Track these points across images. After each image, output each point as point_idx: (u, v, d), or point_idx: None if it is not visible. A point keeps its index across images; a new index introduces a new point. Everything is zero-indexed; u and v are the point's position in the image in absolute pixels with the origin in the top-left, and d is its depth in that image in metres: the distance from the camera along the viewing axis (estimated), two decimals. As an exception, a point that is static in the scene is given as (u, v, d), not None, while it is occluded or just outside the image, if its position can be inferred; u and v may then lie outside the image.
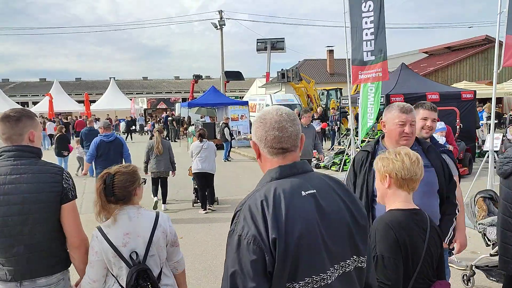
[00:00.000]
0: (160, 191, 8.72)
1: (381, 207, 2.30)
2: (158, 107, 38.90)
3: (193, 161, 8.43)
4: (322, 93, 26.19)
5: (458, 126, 10.66)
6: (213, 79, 56.89)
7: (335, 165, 12.70)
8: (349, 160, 11.93)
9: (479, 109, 16.10)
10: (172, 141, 24.38)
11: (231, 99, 24.62)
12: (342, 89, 26.91)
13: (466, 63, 29.34)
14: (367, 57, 10.61)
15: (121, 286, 2.31)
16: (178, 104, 30.85)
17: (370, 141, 12.89)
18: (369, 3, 10.56)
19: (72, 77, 67.41)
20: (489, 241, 4.44)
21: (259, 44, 36.99)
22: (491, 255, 4.49)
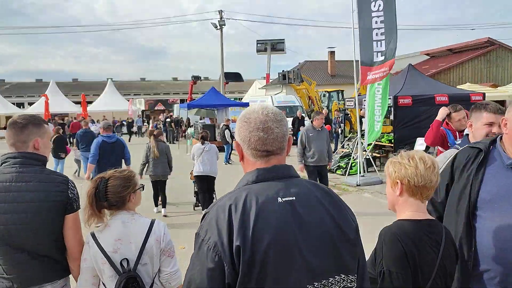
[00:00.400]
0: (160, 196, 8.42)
1: (488, 218, 1.97)
2: (156, 108, 38.55)
3: (194, 164, 8.21)
4: (323, 95, 25.92)
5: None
6: (212, 80, 56.56)
7: (340, 168, 12.30)
8: (355, 163, 11.54)
9: None
10: (170, 143, 23.94)
11: (232, 100, 24.23)
12: (343, 91, 26.65)
13: (468, 65, 29.10)
14: (377, 58, 10.25)
15: None
16: (176, 105, 30.54)
17: (381, 144, 12.65)
18: (378, 2, 10.15)
19: (69, 78, 66.99)
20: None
21: (259, 45, 36.73)
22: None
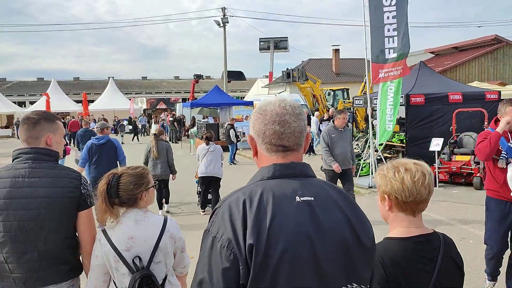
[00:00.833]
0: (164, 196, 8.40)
1: None
2: (157, 107, 38.16)
3: (199, 165, 8.17)
4: (328, 93, 25.53)
5: (486, 129, 9.78)
6: (214, 79, 56.20)
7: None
8: (366, 164, 11.18)
9: None
10: (173, 142, 23.54)
11: (235, 99, 23.86)
12: (349, 89, 26.26)
13: (475, 63, 28.71)
14: (389, 55, 9.84)
15: None
16: (179, 104, 30.16)
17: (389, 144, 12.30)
18: (391, -4, 9.77)
19: (70, 77, 66.69)
20: None
21: (261, 43, 36.38)
22: None
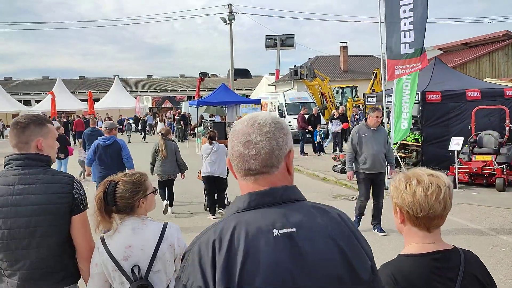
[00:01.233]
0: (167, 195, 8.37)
1: None
2: (163, 106, 37.95)
3: (202, 164, 8.10)
4: (336, 91, 25.14)
5: (507, 127, 9.37)
6: (219, 77, 55.91)
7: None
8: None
9: None
10: (179, 141, 23.26)
11: (243, 97, 23.53)
12: (357, 86, 25.86)
13: (485, 59, 28.20)
14: (405, 50, 9.46)
15: None
16: (185, 102, 29.89)
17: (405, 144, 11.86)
18: (408, -12, 9.38)
19: (75, 75, 66.67)
20: None
21: (268, 40, 36.05)
22: None
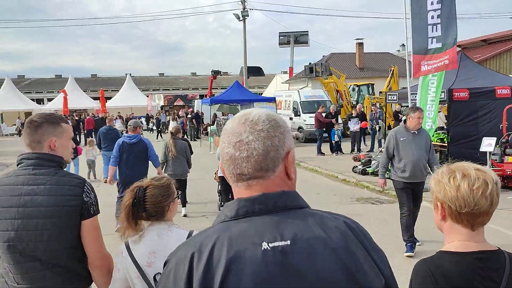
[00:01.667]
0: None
1: None
2: (175, 104, 37.72)
3: (219, 165, 7.50)
4: (352, 89, 24.57)
5: None
6: (231, 75, 55.52)
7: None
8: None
9: None
10: (192, 140, 22.90)
11: (257, 95, 23.10)
12: (374, 84, 25.26)
13: (506, 56, 27.39)
14: (432, 44, 8.92)
15: None
16: (197, 101, 29.56)
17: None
18: (436, -21, 8.83)
19: (88, 74, 66.91)
20: None
21: (281, 37, 35.55)
22: None
